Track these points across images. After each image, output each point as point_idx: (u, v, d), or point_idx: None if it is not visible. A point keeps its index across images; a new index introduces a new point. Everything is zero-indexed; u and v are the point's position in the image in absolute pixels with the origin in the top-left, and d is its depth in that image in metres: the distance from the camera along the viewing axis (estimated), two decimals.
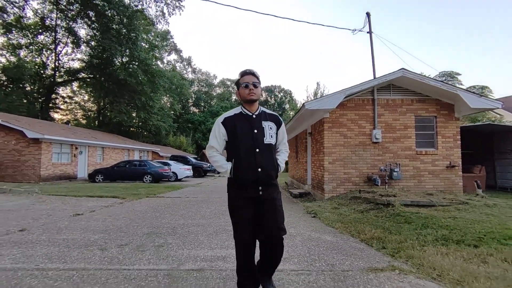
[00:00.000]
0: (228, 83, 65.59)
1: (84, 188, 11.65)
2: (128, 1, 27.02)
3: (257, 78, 2.19)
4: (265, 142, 2.12)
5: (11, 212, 6.07)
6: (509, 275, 2.57)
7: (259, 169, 2.05)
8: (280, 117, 2.31)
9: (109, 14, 25.04)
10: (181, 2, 26.20)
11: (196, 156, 37.53)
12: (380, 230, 4.25)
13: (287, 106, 65.30)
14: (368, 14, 10.27)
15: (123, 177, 16.59)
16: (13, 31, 29.33)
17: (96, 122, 36.42)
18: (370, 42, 9.92)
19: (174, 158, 24.68)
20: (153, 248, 3.60)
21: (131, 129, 37.97)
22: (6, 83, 29.42)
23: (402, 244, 3.59)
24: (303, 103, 7.78)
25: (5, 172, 14.78)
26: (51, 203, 7.39)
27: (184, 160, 23.63)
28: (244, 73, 2.19)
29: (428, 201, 5.50)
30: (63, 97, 36.13)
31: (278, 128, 2.25)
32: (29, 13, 29.59)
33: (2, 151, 14.83)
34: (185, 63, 58.23)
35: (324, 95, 32.00)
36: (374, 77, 8.53)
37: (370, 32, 10.11)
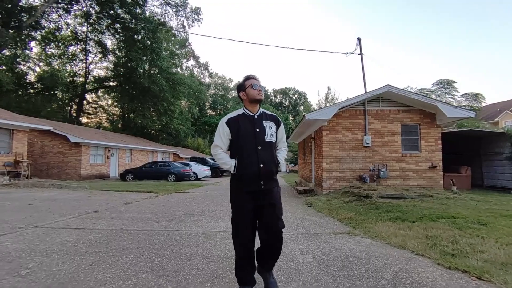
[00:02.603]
0: None
1: (121, 185, 13.67)
2: (149, 14, 29.45)
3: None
4: (266, 140, 2.29)
5: (78, 201, 7.97)
6: (417, 234, 4.05)
7: (261, 165, 2.22)
8: (279, 118, 2.52)
9: (134, 28, 27.40)
10: (200, 15, 28.31)
11: (213, 158, 39.54)
12: (353, 213, 5.76)
13: (301, 108, 66.40)
14: (359, 39, 11.76)
15: (150, 177, 18.59)
16: (48, 43, 32.40)
17: (119, 125, 39.28)
18: (361, 63, 11.40)
19: (193, 159, 26.68)
20: (191, 222, 5.28)
21: (152, 131, 40.62)
22: (42, 91, 32.52)
23: (363, 221, 5.09)
24: (304, 114, 9.32)
25: (51, 172, 17.15)
26: (102, 196, 9.29)
27: (202, 161, 25.55)
28: (250, 77, 2.39)
29: (401, 194, 6.92)
30: (89, 102, 39.23)
31: (277, 128, 2.43)
32: (62, 23, 32.61)
33: (49, 153, 17.23)
34: (202, 68, 60.67)
35: (334, 99, 33.33)
36: (365, 92, 9.93)
37: (361, 54, 11.58)
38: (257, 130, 2.29)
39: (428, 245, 3.60)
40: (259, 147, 2.25)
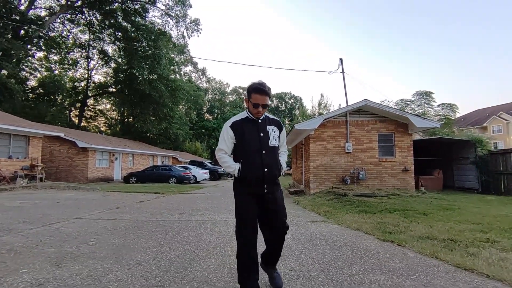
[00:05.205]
0: (240, 90, 69.08)
1: (127, 187, 14.85)
2: (150, 23, 30.67)
3: (269, 96, 2.31)
4: (270, 145, 2.33)
5: (97, 200, 9.18)
6: (372, 221, 5.35)
7: (265, 169, 2.27)
8: (281, 122, 2.56)
9: (136, 37, 28.68)
10: (199, 26, 29.70)
11: (211, 161, 40.86)
12: (331, 208, 7.06)
13: (297, 112, 67.80)
14: (341, 60, 13.30)
15: (152, 180, 19.71)
16: (50, 50, 33.37)
17: (118, 129, 40.28)
18: (343, 81, 12.86)
19: (192, 163, 27.92)
20: (198, 215, 6.55)
21: (150, 135, 41.73)
22: (43, 96, 33.35)
23: (336, 213, 6.39)
24: (293, 125, 10.64)
25: (60, 175, 18.27)
26: (116, 196, 10.49)
27: (201, 165, 26.78)
28: (257, 90, 2.27)
29: (372, 193, 8.24)
30: (88, 106, 40.16)
31: (280, 132, 2.48)
32: (64, 33, 33.61)
33: (58, 157, 18.36)
34: (200, 73, 62.12)
35: (327, 105, 35.00)
36: (347, 105, 11.32)
37: (342, 73, 13.07)
38: (261, 134, 2.34)
39: (376, 227, 4.90)
40: (264, 152, 2.30)
